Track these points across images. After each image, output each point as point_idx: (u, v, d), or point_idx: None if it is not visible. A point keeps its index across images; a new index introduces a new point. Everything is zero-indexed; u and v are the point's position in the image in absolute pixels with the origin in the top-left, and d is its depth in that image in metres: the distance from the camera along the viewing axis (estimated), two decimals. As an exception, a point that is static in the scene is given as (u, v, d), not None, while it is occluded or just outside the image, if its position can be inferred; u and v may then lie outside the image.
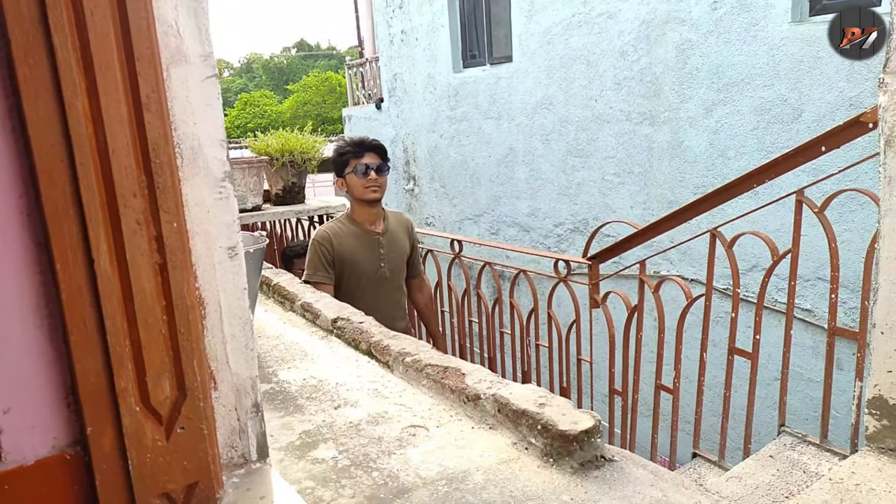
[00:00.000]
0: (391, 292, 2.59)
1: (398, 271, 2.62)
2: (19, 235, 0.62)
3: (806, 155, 1.93)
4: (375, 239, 2.53)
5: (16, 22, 0.58)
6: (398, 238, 2.61)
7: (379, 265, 2.53)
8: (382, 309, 2.46)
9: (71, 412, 0.66)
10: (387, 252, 2.55)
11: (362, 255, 2.50)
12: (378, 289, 2.54)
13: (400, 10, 7.41)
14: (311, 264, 2.47)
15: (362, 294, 2.50)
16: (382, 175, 2.48)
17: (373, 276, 2.51)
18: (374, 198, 2.48)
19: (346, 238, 2.50)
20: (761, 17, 3.91)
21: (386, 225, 2.57)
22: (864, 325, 1.82)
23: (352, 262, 2.48)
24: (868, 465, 1.20)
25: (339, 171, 2.52)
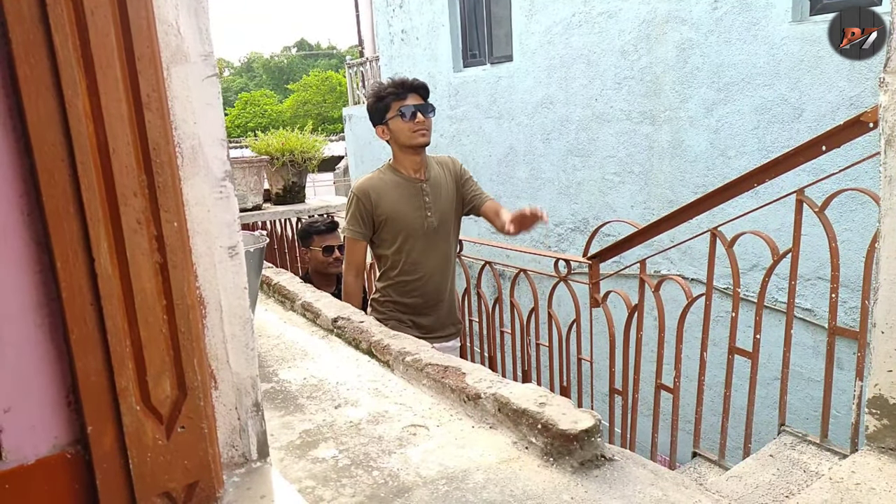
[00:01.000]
0: (440, 245, 2.37)
1: (447, 221, 2.39)
2: (20, 234, 0.62)
3: (806, 154, 1.93)
4: (419, 187, 2.33)
5: (16, 21, 0.58)
6: (442, 182, 2.39)
7: (425, 215, 2.32)
8: (431, 266, 2.35)
9: (71, 411, 0.66)
10: (433, 200, 2.34)
11: (406, 206, 2.31)
12: (426, 243, 2.33)
13: (400, 9, 7.41)
14: (349, 216, 2.35)
15: (409, 250, 2.33)
16: (429, 116, 2.29)
17: (419, 229, 2.31)
18: (424, 142, 2.28)
19: (388, 190, 2.31)
20: (762, 17, 3.91)
21: (428, 171, 2.37)
22: (864, 324, 1.82)
23: (394, 215, 2.29)
24: (868, 465, 1.20)
25: (380, 118, 2.30)
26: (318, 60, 51.23)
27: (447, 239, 2.41)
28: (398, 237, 2.32)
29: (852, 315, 3.40)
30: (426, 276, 2.35)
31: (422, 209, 2.32)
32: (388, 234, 2.33)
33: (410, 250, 2.32)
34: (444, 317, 2.45)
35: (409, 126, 2.25)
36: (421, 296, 2.37)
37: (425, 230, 2.32)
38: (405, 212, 2.31)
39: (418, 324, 2.40)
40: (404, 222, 2.31)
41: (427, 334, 2.34)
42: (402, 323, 2.38)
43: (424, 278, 2.35)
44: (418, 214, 2.31)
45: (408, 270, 2.34)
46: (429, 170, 2.36)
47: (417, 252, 2.33)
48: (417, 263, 2.33)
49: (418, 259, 2.33)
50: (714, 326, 2.43)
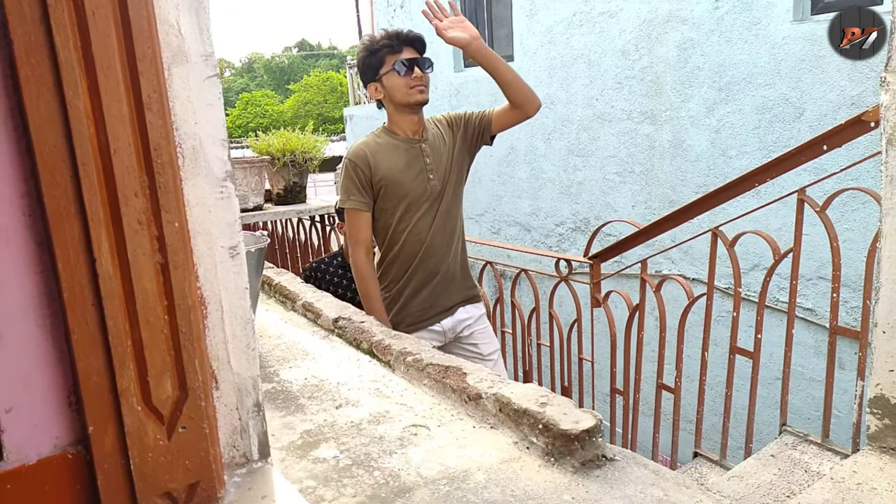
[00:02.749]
0: (444, 211, 2.15)
1: (450, 183, 2.15)
2: (22, 235, 0.62)
3: (807, 154, 1.93)
4: (418, 148, 2.11)
5: (18, 22, 0.58)
6: (440, 142, 2.16)
7: (427, 178, 2.09)
8: (437, 237, 2.13)
9: (73, 411, 0.66)
10: (434, 162, 2.12)
11: (405, 169, 2.08)
12: (428, 211, 2.11)
13: (401, 9, 7.41)
14: (343, 188, 2.11)
15: (410, 220, 2.10)
16: (427, 72, 2.08)
17: (421, 195, 2.09)
18: (422, 100, 2.07)
19: (385, 153, 2.09)
20: (763, 16, 3.91)
21: (426, 131, 2.15)
22: (865, 324, 1.82)
23: (393, 180, 2.07)
24: (870, 465, 1.20)
25: (372, 74, 2.08)
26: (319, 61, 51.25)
27: (452, 202, 2.18)
28: (399, 205, 2.09)
29: (854, 315, 3.40)
30: (428, 245, 2.13)
31: (423, 172, 2.10)
32: (388, 202, 2.10)
33: (413, 220, 2.10)
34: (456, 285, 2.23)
35: (405, 82, 2.04)
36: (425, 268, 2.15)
37: (428, 195, 2.10)
38: (405, 176, 2.08)
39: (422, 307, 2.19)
40: (405, 188, 2.08)
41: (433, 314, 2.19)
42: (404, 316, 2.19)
43: (427, 248, 2.13)
44: (419, 178, 2.09)
45: (412, 241, 2.12)
46: (426, 130, 2.16)
47: (420, 221, 2.11)
48: (420, 233, 2.11)
49: (421, 228, 2.11)
50: (715, 326, 2.43)
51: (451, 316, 2.23)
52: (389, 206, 2.10)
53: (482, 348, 2.28)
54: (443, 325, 2.22)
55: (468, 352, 2.27)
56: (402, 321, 2.19)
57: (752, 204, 2.38)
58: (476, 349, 2.27)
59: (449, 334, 2.24)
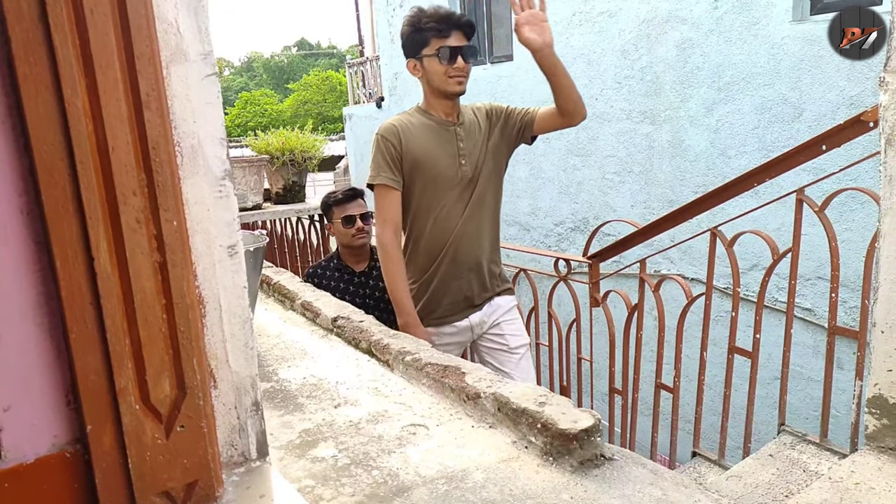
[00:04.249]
0: (474, 200, 2.05)
1: (483, 173, 2.07)
2: (19, 234, 0.62)
3: (806, 154, 1.93)
4: (452, 130, 2.04)
5: (16, 20, 0.58)
6: (476, 129, 2.09)
7: (459, 163, 2.02)
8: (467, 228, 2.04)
9: (71, 410, 0.66)
10: (466, 146, 2.04)
11: (437, 151, 2.01)
12: (459, 198, 2.03)
13: (401, 8, 7.40)
14: (374, 163, 2.02)
15: (438, 205, 2.02)
16: (470, 62, 2.01)
17: (452, 179, 2.02)
18: (459, 91, 2.01)
19: (417, 132, 2.01)
20: (762, 16, 3.91)
21: (462, 115, 2.08)
22: (864, 324, 1.82)
23: (423, 160, 1.99)
24: (868, 465, 1.20)
25: (415, 51, 2.01)
26: (319, 60, 51.24)
27: (485, 192, 2.08)
28: (427, 188, 2.01)
29: (852, 315, 3.40)
30: (458, 236, 2.04)
31: (455, 156, 2.02)
32: (416, 183, 2.01)
33: (442, 205, 2.02)
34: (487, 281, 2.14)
35: (444, 70, 1.96)
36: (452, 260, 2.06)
37: (459, 180, 2.02)
38: (436, 157, 2.00)
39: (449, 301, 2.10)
40: (435, 169, 1.99)
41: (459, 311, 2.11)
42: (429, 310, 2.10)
43: (457, 239, 2.04)
44: (451, 162, 2.01)
45: (439, 230, 2.03)
46: (462, 114, 2.08)
47: (448, 208, 2.02)
48: (448, 220, 2.02)
49: (449, 216, 2.02)
50: (714, 326, 2.43)
51: (480, 311, 2.14)
52: (418, 188, 2.01)
53: (509, 340, 2.17)
54: (471, 320, 2.13)
55: (494, 343, 2.17)
56: (429, 314, 2.10)
57: (751, 204, 2.38)
58: (502, 340, 2.17)
59: (477, 329, 2.16)
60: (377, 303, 2.56)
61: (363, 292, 2.60)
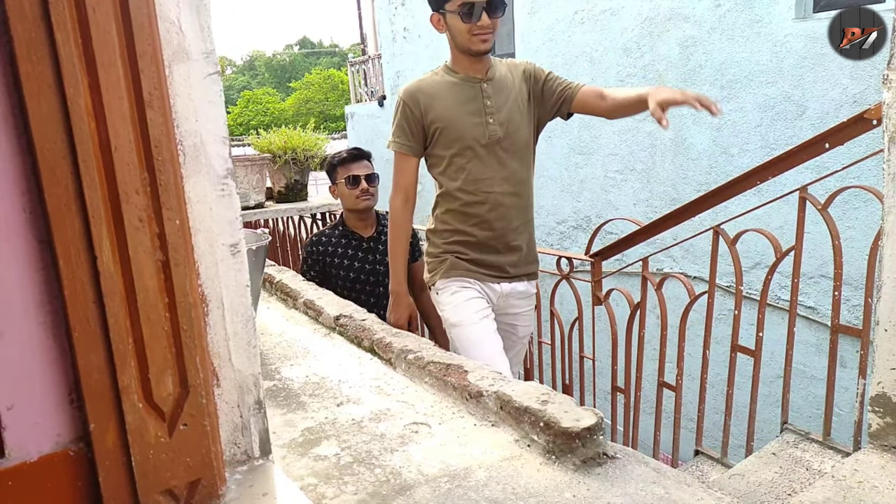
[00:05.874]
0: (507, 162, 1.92)
1: (516, 132, 1.92)
2: (23, 233, 0.62)
3: (809, 152, 1.92)
4: (477, 87, 1.90)
5: (18, 19, 0.58)
6: (509, 84, 1.94)
7: (486, 121, 1.88)
8: (498, 190, 1.91)
9: (74, 409, 0.66)
10: (496, 104, 1.89)
11: (461, 110, 1.88)
12: (489, 158, 1.90)
13: (403, 6, 7.40)
14: (394, 126, 1.95)
15: (468, 167, 1.90)
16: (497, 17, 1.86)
17: (479, 139, 1.88)
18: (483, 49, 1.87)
19: (441, 93, 1.90)
20: (765, 14, 3.90)
21: (493, 70, 1.93)
22: (867, 322, 1.82)
23: (448, 123, 1.88)
24: (871, 463, 1.20)
25: (438, 4, 1.90)
26: (321, 58, 51.26)
27: (517, 156, 1.95)
28: (454, 151, 1.90)
29: (855, 313, 3.39)
30: (492, 202, 1.92)
31: (481, 114, 1.88)
32: (443, 147, 1.91)
33: (469, 167, 1.90)
34: (520, 258, 2.03)
35: (468, 27, 1.83)
36: (488, 227, 1.94)
37: (487, 140, 1.88)
38: (460, 117, 1.88)
39: (483, 262, 1.98)
40: (460, 130, 1.88)
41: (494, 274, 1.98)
42: (461, 261, 1.97)
43: (489, 204, 1.92)
44: (477, 121, 1.88)
45: (469, 193, 1.92)
46: (493, 69, 1.94)
47: (478, 169, 1.90)
48: (479, 183, 1.90)
49: (480, 178, 1.90)
50: (716, 324, 2.43)
51: (511, 283, 2.02)
52: (444, 150, 1.91)
53: (519, 330, 2.15)
54: (501, 288, 2.01)
55: (504, 324, 2.07)
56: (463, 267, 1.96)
57: (754, 202, 2.37)
58: (513, 330, 2.13)
59: (501, 301, 2.03)
60: (387, 269, 2.37)
61: (372, 258, 2.52)
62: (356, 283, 2.54)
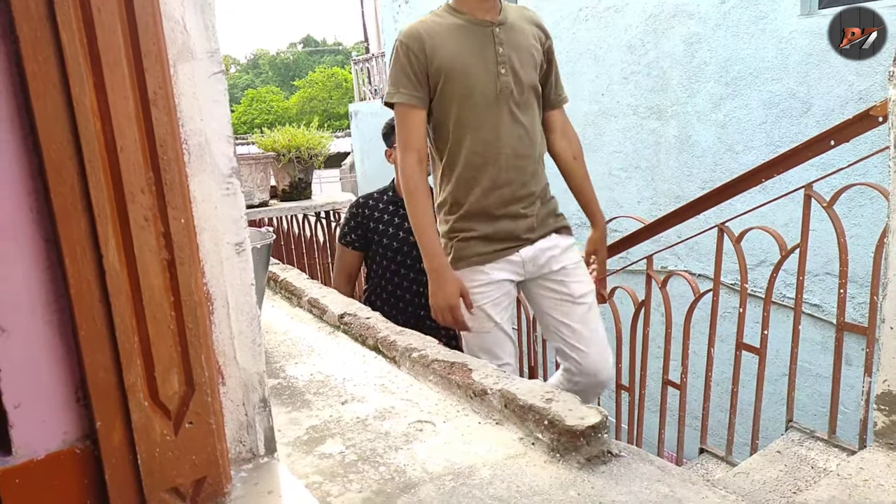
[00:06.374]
0: (517, 118, 1.72)
1: (527, 87, 1.74)
2: (29, 232, 0.62)
3: (815, 149, 1.92)
4: (489, 31, 1.70)
5: (24, 19, 0.58)
6: (523, 33, 1.75)
7: (498, 71, 1.68)
8: (508, 149, 1.72)
9: (80, 407, 0.67)
10: (508, 51, 1.70)
11: (470, 56, 1.67)
12: (498, 113, 1.70)
13: (406, 4, 7.40)
14: (392, 78, 1.70)
15: (474, 121, 1.69)
16: None
17: (490, 91, 1.69)
18: None
19: (446, 35, 1.68)
20: (770, 11, 3.88)
21: (504, 14, 1.73)
22: (872, 320, 1.81)
23: (455, 70, 1.66)
24: (877, 461, 1.20)
25: None
26: (324, 57, 51.28)
27: (528, 113, 1.76)
28: (462, 102, 1.68)
29: (861, 311, 3.38)
30: (502, 165, 1.73)
31: (493, 62, 1.68)
32: (447, 98, 1.69)
33: (477, 124, 1.69)
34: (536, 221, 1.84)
35: None
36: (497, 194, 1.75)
37: (498, 93, 1.69)
38: (470, 64, 1.67)
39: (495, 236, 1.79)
40: (470, 80, 1.67)
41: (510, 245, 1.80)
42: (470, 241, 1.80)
43: (499, 167, 1.73)
44: (488, 69, 1.68)
45: (476, 154, 1.71)
46: (504, 12, 1.74)
47: (487, 127, 1.70)
48: (487, 144, 1.71)
49: (488, 137, 1.70)
50: (721, 322, 2.43)
51: (532, 246, 1.83)
52: (451, 103, 1.70)
53: (572, 288, 1.86)
54: (521, 255, 1.81)
55: (553, 292, 1.86)
56: (472, 250, 1.80)
57: (759, 199, 2.37)
58: (564, 289, 1.86)
59: (529, 266, 1.83)
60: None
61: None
62: (398, 254, 2.34)
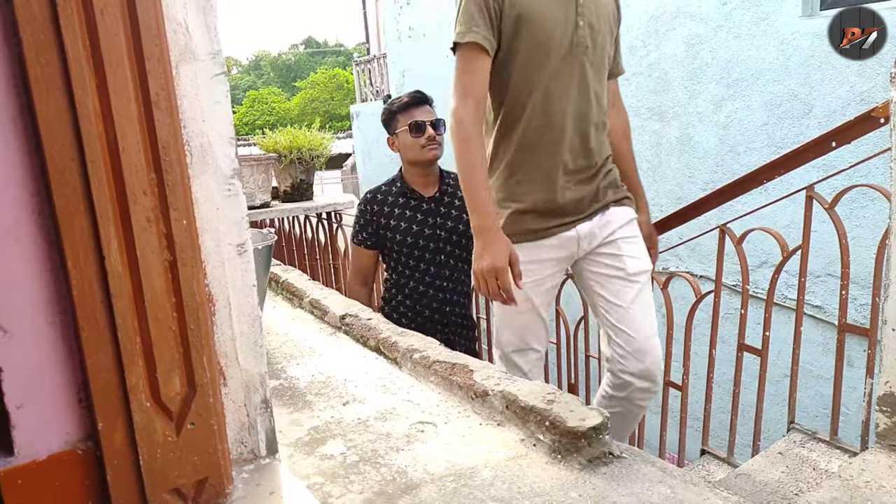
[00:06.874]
0: (590, 81, 1.60)
1: (601, 46, 1.62)
2: (32, 233, 0.62)
3: (816, 150, 1.92)
4: None
5: (27, 21, 0.59)
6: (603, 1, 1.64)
7: (576, 23, 1.55)
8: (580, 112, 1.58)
9: (82, 408, 0.67)
10: (585, 7, 1.57)
11: (549, 3, 1.54)
12: (569, 72, 1.56)
13: (408, 5, 7.40)
14: (464, 15, 1.53)
15: (542, 78, 1.54)
16: None
17: (565, 45, 1.54)
18: None
19: None
20: (771, 12, 3.88)
21: None
22: (874, 321, 1.81)
23: (532, 16, 1.51)
24: (878, 463, 1.20)
25: None
26: (326, 58, 51.33)
27: (599, 76, 1.63)
28: (532, 54, 1.53)
29: (863, 312, 3.38)
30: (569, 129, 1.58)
31: (573, 12, 1.55)
32: (518, 47, 1.54)
33: (544, 79, 1.54)
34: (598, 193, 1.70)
35: None
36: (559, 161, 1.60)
37: (573, 46, 1.54)
38: (547, 11, 1.52)
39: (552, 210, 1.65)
40: (545, 29, 1.52)
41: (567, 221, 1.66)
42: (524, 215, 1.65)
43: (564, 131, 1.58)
44: (568, 19, 1.54)
45: (542, 114, 1.57)
46: None
47: (556, 84, 1.55)
48: (553, 102, 1.56)
49: (555, 95, 1.55)
50: (723, 323, 2.42)
51: (590, 221, 1.68)
52: (516, 53, 1.54)
53: (627, 263, 1.69)
54: (578, 231, 1.67)
55: (605, 266, 1.71)
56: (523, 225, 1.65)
57: (761, 201, 2.36)
58: (618, 263, 1.70)
59: (584, 243, 1.70)
60: (449, 235, 2.21)
61: (433, 221, 2.24)
62: (414, 248, 2.25)
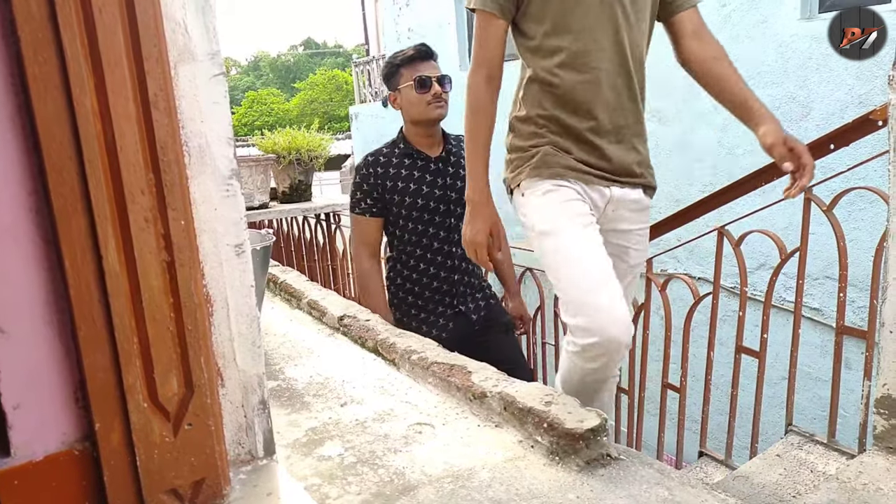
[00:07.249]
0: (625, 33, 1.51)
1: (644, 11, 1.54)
2: (29, 232, 0.62)
3: (814, 153, 1.91)
4: None
5: (25, 20, 0.58)
6: None
7: None
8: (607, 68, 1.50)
9: (79, 408, 0.66)
10: None
11: None
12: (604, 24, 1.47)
13: (407, 7, 7.41)
14: None
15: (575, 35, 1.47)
16: None
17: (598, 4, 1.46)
18: None
19: None
20: (770, 14, 3.89)
21: None
22: (872, 324, 1.81)
23: None
24: (876, 465, 1.20)
25: None
26: (325, 59, 51.34)
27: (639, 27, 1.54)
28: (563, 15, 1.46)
29: (860, 314, 3.38)
30: (604, 83, 1.51)
31: None
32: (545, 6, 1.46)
33: (577, 31, 1.46)
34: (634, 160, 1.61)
35: None
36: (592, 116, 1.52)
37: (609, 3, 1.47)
38: None
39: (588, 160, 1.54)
40: None
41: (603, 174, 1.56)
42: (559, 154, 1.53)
43: (599, 85, 1.50)
44: None
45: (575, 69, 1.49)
46: None
47: (589, 36, 1.47)
48: (588, 55, 1.48)
49: (589, 48, 1.47)
50: (721, 325, 2.42)
51: (622, 189, 1.60)
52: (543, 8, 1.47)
53: (631, 255, 1.68)
54: (612, 192, 1.58)
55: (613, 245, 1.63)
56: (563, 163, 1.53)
57: (759, 203, 2.37)
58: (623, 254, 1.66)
59: (609, 210, 1.61)
60: (459, 196, 2.04)
61: (442, 182, 2.10)
62: (424, 211, 2.09)
